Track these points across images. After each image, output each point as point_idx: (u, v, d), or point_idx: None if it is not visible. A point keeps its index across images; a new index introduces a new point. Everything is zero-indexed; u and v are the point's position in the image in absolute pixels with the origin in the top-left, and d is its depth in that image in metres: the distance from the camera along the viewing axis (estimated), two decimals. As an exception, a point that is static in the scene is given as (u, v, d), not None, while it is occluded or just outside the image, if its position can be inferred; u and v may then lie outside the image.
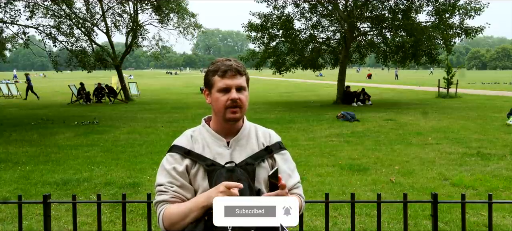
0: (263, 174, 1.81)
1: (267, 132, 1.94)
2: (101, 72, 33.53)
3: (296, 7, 21.81)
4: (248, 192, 1.73)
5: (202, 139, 1.86)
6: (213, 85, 1.82)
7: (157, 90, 36.00)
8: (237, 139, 1.85)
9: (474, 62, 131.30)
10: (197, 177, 1.80)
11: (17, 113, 17.73)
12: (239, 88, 1.80)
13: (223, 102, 1.79)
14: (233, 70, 1.79)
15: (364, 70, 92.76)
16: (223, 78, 1.79)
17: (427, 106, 18.78)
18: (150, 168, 7.52)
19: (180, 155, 1.83)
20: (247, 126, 1.91)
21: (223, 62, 1.83)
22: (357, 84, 32.88)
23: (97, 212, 2.74)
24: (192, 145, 1.85)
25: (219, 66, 1.81)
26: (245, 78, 1.84)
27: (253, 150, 1.84)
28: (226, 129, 1.85)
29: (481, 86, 35.10)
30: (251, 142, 1.86)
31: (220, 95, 1.79)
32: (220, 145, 1.83)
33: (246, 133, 1.88)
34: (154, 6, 25.18)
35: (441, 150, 8.95)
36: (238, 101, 1.78)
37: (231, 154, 1.81)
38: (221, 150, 1.82)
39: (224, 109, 1.79)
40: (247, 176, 1.77)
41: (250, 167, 1.79)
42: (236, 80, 1.79)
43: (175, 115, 16.23)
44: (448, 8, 19.00)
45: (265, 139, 1.90)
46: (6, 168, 7.66)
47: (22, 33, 23.57)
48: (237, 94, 1.78)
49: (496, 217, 4.92)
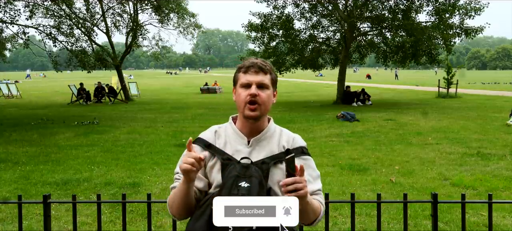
0: (277, 175, 1.80)
1: (292, 136, 1.92)
2: (101, 72, 33.54)
3: (296, 7, 21.81)
4: (257, 188, 1.71)
5: (225, 135, 1.88)
6: (237, 81, 1.86)
7: (157, 90, 36.00)
8: (258, 139, 1.85)
9: (474, 62, 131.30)
10: (214, 170, 1.82)
11: (17, 113, 17.73)
12: (261, 86, 1.81)
13: (243, 97, 1.81)
14: (256, 67, 1.82)
15: (362, 70, 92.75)
16: (245, 74, 1.83)
17: (427, 106, 18.78)
18: (150, 168, 7.53)
19: (201, 147, 1.88)
20: (272, 128, 1.90)
21: (249, 59, 1.86)
22: (357, 84, 32.87)
23: (97, 212, 2.74)
24: (214, 139, 1.88)
25: (245, 63, 1.85)
26: (270, 78, 1.84)
27: (272, 151, 1.84)
28: (248, 127, 1.85)
29: (481, 86, 35.10)
30: (272, 144, 1.86)
31: (242, 91, 1.82)
32: (241, 142, 1.85)
33: (269, 134, 1.88)
34: (154, 6, 25.19)
35: (441, 150, 8.95)
36: (257, 98, 1.79)
37: (249, 153, 1.82)
38: (241, 148, 1.83)
39: (243, 105, 1.81)
40: (261, 174, 1.76)
41: (265, 166, 1.79)
42: (257, 77, 1.81)
43: (175, 115, 16.23)
44: (448, 8, 19.00)
45: (287, 142, 1.88)
46: (6, 168, 7.66)
47: (22, 33, 23.60)
48: (257, 91, 1.79)
49: (496, 217, 4.92)
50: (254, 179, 1.72)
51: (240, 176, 1.73)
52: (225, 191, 1.71)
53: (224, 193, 1.70)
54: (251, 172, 1.75)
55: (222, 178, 1.77)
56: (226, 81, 46.23)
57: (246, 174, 1.74)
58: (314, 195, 1.86)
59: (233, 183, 1.72)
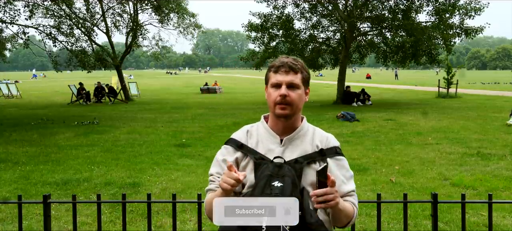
0: (311, 175, 1.78)
1: (325, 136, 1.90)
2: (101, 72, 33.53)
3: (296, 7, 21.81)
4: (290, 187, 1.70)
5: (257, 135, 1.88)
6: (268, 81, 1.85)
7: (157, 90, 36.00)
8: (291, 138, 1.84)
9: (474, 62, 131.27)
10: (246, 170, 1.81)
11: (17, 114, 17.73)
12: (291, 85, 1.80)
13: (273, 97, 1.80)
14: (286, 67, 1.80)
15: (362, 70, 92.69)
16: (276, 73, 1.82)
17: (427, 106, 18.78)
18: (150, 168, 7.53)
19: (233, 147, 1.88)
20: (305, 127, 1.89)
21: (280, 59, 1.84)
22: (357, 84, 32.88)
23: (97, 212, 2.74)
24: (246, 139, 1.88)
25: (275, 62, 1.84)
26: (301, 77, 1.83)
27: (306, 150, 1.82)
28: (280, 126, 1.85)
29: (481, 86, 35.11)
30: (305, 143, 1.84)
31: (272, 91, 1.81)
32: (274, 141, 1.84)
33: (302, 133, 1.86)
34: (154, 6, 25.18)
35: (441, 150, 8.95)
36: (287, 98, 1.78)
37: (282, 152, 1.81)
38: (274, 147, 1.82)
39: (274, 105, 1.80)
40: (294, 173, 1.75)
41: (298, 165, 1.77)
42: (287, 77, 1.80)
43: (175, 115, 16.23)
44: (448, 8, 19.00)
45: (321, 142, 1.86)
46: (6, 168, 7.66)
47: (22, 33, 23.60)
48: (287, 91, 1.78)
49: (496, 217, 4.91)
50: (287, 179, 1.71)
51: (273, 175, 1.72)
52: (258, 190, 1.70)
53: (257, 193, 1.69)
54: (284, 171, 1.73)
55: (255, 177, 1.76)
56: (226, 81, 46.24)
57: (279, 173, 1.72)
58: (348, 196, 1.84)
59: (266, 182, 1.70)
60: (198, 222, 2.68)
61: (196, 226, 4.44)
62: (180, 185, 6.41)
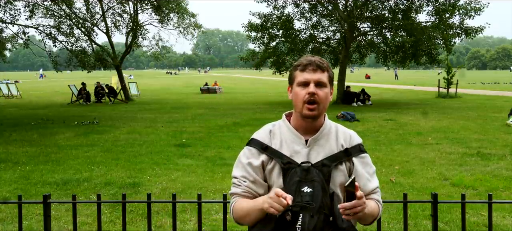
0: (339, 177, 1.78)
1: (348, 133, 1.89)
2: (101, 72, 33.57)
3: (296, 7, 21.82)
4: (321, 193, 1.70)
5: (280, 135, 1.84)
6: (294, 79, 1.83)
7: (157, 90, 36.00)
8: (316, 138, 1.81)
9: (474, 62, 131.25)
10: (273, 173, 1.79)
11: (17, 114, 17.72)
12: (319, 84, 1.78)
13: (301, 96, 1.78)
14: (313, 65, 1.78)
15: (362, 70, 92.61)
16: (303, 72, 1.79)
17: (427, 106, 18.78)
18: (150, 168, 7.53)
19: (258, 149, 1.83)
20: (328, 125, 1.87)
21: (306, 57, 1.83)
22: (357, 84, 32.87)
23: (97, 212, 2.74)
24: (270, 140, 1.84)
25: (302, 61, 1.82)
26: (327, 76, 1.81)
27: (332, 150, 1.81)
28: (305, 126, 1.82)
29: (481, 86, 35.10)
30: (330, 142, 1.82)
31: (299, 90, 1.79)
32: (299, 142, 1.81)
33: (326, 132, 1.84)
34: (154, 6, 25.17)
35: (441, 150, 8.95)
36: (315, 97, 1.76)
37: (308, 153, 1.78)
38: (299, 148, 1.79)
39: (302, 104, 1.78)
40: (322, 177, 1.73)
41: (326, 169, 1.76)
42: (315, 75, 1.78)
43: (175, 115, 16.23)
44: (448, 8, 19.00)
45: (345, 140, 1.85)
46: (6, 168, 7.66)
47: (22, 33, 23.61)
48: (316, 89, 1.76)
49: (496, 217, 4.91)
50: (317, 184, 1.71)
51: (301, 180, 1.71)
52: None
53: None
54: (312, 176, 1.72)
55: (284, 183, 1.74)
56: (226, 81, 46.24)
57: (307, 178, 1.71)
58: (372, 194, 1.84)
59: (296, 189, 1.70)
60: (198, 222, 2.67)
61: (196, 226, 4.44)
62: (180, 185, 6.41)
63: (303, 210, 1.67)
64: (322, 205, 1.70)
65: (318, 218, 1.68)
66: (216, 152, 8.97)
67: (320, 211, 1.69)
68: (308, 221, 1.67)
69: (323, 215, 1.69)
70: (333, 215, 1.71)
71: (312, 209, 1.67)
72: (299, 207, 1.67)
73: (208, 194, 5.96)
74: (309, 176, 1.72)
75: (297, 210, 1.68)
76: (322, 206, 1.70)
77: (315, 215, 1.68)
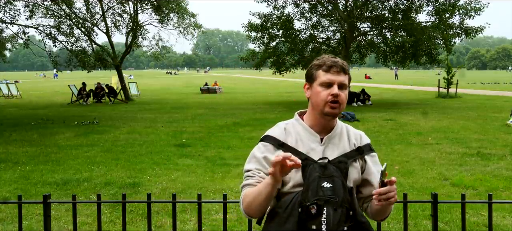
0: (353, 173, 1.84)
1: (358, 133, 1.95)
2: (101, 72, 33.58)
3: (296, 7, 21.83)
4: (342, 189, 1.74)
5: (295, 133, 1.88)
6: (316, 79, 1.85)
7: (157, 90, 36.00)
8: (330, 137, 1.86)
9: (474, 62, 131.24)
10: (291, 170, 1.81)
11: (17, 114, 17.72)
12: (341, 86, 1.82)
13: (324, 96, 1.80)
14: (338, 67, 1.82)
15: (362, 70, 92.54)
16: (327, 73, 1.82)
17: (427, 106, 18.78)
18: (150, 168, 7.53)
19: (274, 145, 1.85)
20: (340, 125, 1.92)
21: (329, 58, 1.85)
22: (357, 84, 32.88)
23: (97, 212, 2.74)
24: (285, 137, 1.87)
25: (325, 61, 1.84)
26: (348, 78, 1.85)
27: (345, 149, 1.86)
28: (320, 125, 1.86)
29: (481, 86, 35.10)
30: (343, 141, 1.88)
31: (322, 90, 1.82)
32: (314, 140, 1.85)
33: (339, 131, 1.89)
34: (154, 6, 25.18)
35: (441, 150, 8.95)
36: (338, 98, 1.80)
37: (323, 151, 1.83)
38: (315, 146, 1.83)
39: (323, 104, 1.80)
40: (340, 173, 1.78)
41: (343, 165, 1.81)
42: (339, 77, 1.81)
43: (175, 115, 16.23)
44: (448, 8, 19.01)
45: (356, 140, 1.91)
46: (6, 168, 7.66)
47: (22, 33, 23.61)
48: (339, 91, 1.80)
49: (496, 217, 4.92)
50: (337, 179, 1.75)
51: (321, 176, 1.75)
52: (312, 193, 1.72)
53: (311, 195, 1.71)
54: (330, 172, 1.76)
55: (303, 179, 1.76)
56: (226, 81, 46.26)
57: (326, 174, 1.75)
58: None
59: (317, 184, 1.73)
60: (198, 222, 2.67)
61: (196, 226, 4.44)
62: (180, 185, 6.41)
63: (326, 203, 1.71)
64: (343, 199, 1.74)
65: (341, 211, 1.73)
66: (216, 152, 8.97)
67: (342, 205, 1.74)
68: (332, 214, 1.71)
69: (345, 208, 1.74)
70: (353, 210, 1.76)
71: (335, 202, 1.71)
72: (323, 200, 1.71)
73: (208, 194, 5.97)
74: (327, 172, 1.76)
75: (322, 203, 1.71)
76: (343, 200, 1.74)
77: (338, 209, 1.72)
